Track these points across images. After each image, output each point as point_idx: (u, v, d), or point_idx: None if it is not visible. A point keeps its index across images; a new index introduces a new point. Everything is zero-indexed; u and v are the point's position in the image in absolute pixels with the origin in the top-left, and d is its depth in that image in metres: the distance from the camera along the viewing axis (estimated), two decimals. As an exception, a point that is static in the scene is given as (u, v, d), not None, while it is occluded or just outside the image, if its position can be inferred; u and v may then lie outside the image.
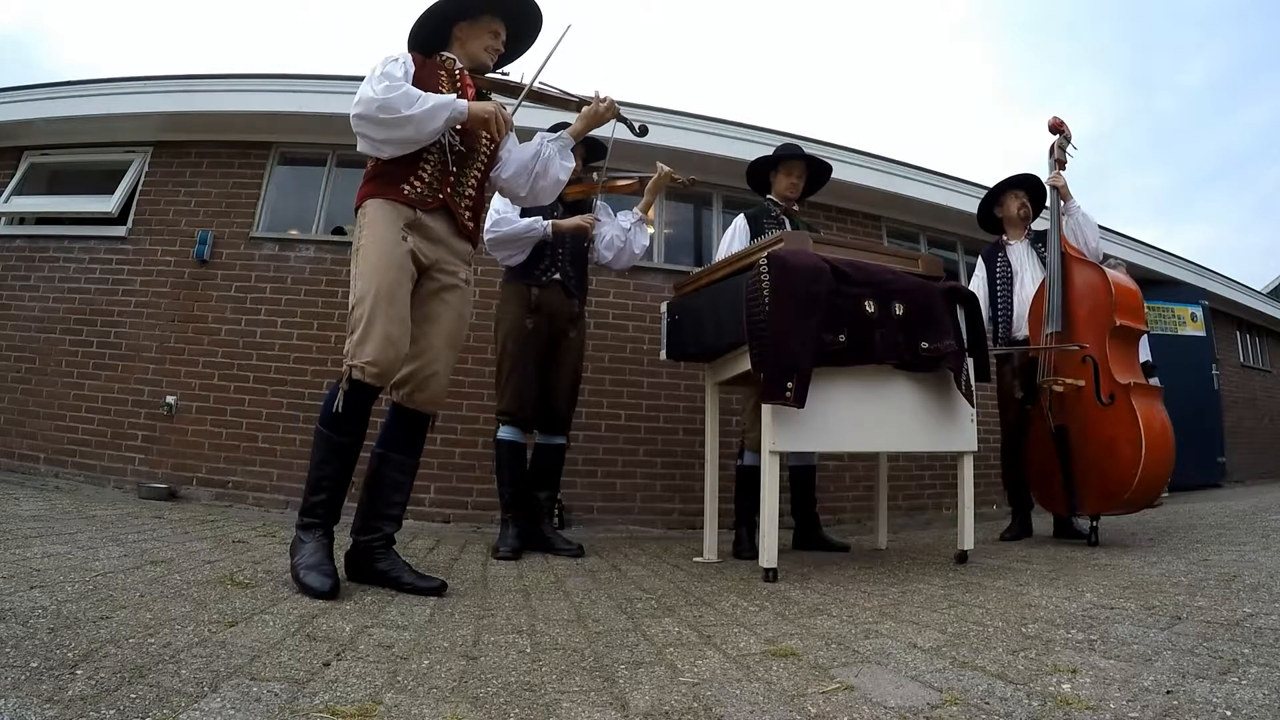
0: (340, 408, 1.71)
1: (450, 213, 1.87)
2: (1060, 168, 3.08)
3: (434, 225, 1.84)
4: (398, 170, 1.81)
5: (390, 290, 1.73)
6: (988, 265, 3.26)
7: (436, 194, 1.84)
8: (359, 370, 1.70)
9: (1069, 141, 3.11)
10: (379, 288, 1.72)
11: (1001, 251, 3.23)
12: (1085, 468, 2.72)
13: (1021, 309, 3.09)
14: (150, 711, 0.87)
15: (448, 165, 1.86)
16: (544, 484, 2.78)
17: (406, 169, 1.81)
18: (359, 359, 1.70)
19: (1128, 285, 2.86)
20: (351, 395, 1.72)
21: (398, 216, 1.79)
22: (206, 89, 4.08)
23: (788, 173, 3.06)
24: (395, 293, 1.74)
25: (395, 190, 1.80)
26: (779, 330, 2.00)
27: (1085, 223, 3.05)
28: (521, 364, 2.66)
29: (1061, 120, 3.12)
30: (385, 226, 1.77)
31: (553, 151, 2.02)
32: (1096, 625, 1.42)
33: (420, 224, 1.82)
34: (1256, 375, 8.46)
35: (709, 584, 2.04)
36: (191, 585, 1.61)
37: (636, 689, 1.07)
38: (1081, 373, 2.75)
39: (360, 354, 1.70)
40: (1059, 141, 3.10)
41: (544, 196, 2.08)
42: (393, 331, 1.72)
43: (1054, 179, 3.06)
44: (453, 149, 1.86)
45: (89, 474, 3.81)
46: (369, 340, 1.70)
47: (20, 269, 4.19)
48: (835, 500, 4.07)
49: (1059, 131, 3.11)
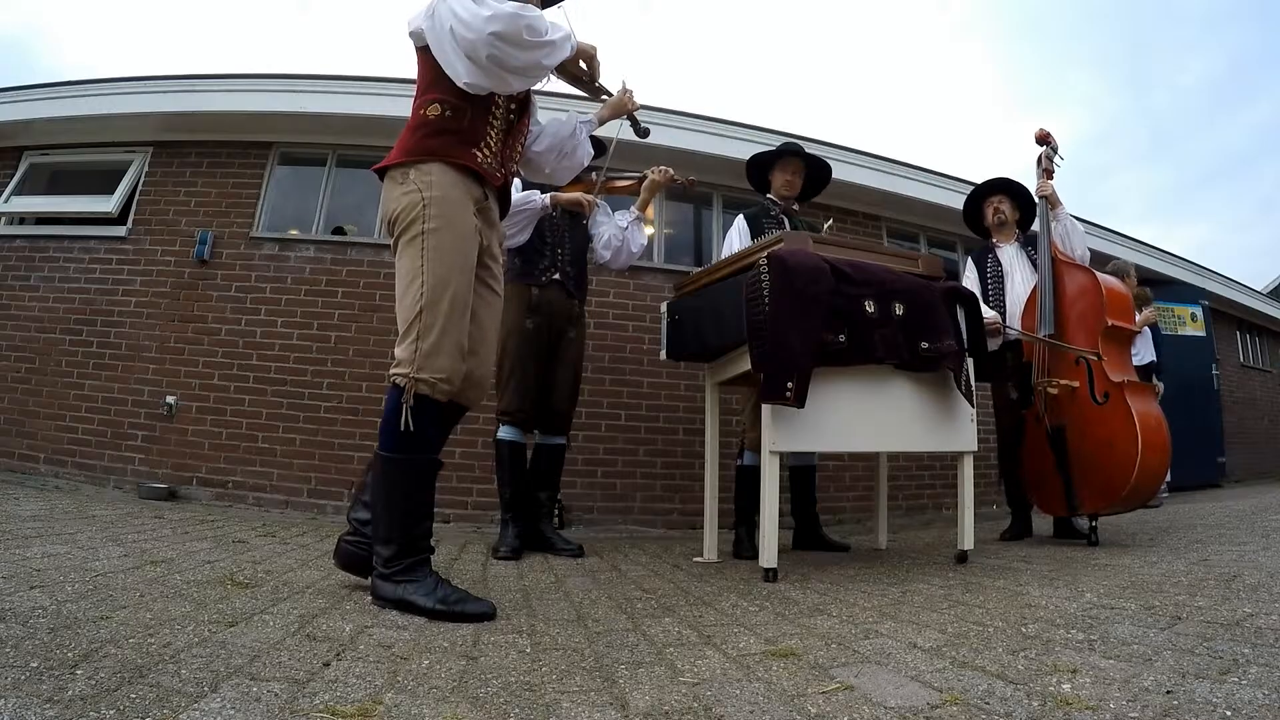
0: (410, 425, 1.48)
1: (502, 192, 1.69)
2: (1048, 177, 3.13)
3: (493, 208, 1.66)
4: (472, 128, 1.55)
5: (465, 294, 1.52)
6: (978, 266, 3.27)
7: (503, 167, 1.63)
8: (427, 385, 1.49)
9: (1055, 152, 3.16)
10: (456, 290, 1.50)
11: (991, 253, 3.25)
12: (1083, 467, 2.73)
13: (1014, 309, 3.10)
14: (150, 711, 0.87)
15: (506, 137, 1.65)
16: (544, 484, 2.78)
17: (479, 129, 1.56)
18: (429, 372, 1.48)
19: (1117, 288, 2.92)
20: (419, 412, 1.50)
21: (469, 194, 1.55)
22: (206, 89, 4.08)
23: (784, 170, 3.07)
24: (468, 295, 1.53)
25: (467, 154, 1.54)
26: (779, 330, 2.00)
27: (1072, 230, 3.09)
28: (522, 364, 2.66)
29: (1048, 132, 3.17)
30: (461, 206, 1.52)
31: (585, 135, 1.94)
32: (1096, 625, 1.42)
33: (485, 208, 1.61)
34: (1256, 375, 8.46)
35: (709, 584, 2.04)
36: (191, 585, 1.61)
37: (636, 689, 1.07)
38: (1075, 374, 2.77)
39: (430, 366, 1.48)
40: (1045, 152, 3.15)
41: (561, 176, 1.98)
42: (464, 341, 1.53)
43: (1042, 188, 3.10)
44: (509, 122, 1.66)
45: (89, 474, 3.81)
46: (441, 352, 1.48)
47: (20, 269, 4.19)
48: (835, 500, 4.07)
49: (1045, 143, 3.16)
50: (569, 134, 1.89)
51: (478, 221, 1.59)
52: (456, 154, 1.54)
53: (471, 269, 1.56)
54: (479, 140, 1.57)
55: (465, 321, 1.54)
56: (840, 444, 2.43)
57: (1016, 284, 3.14)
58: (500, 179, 1.66)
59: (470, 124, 1.56)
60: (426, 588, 1.48)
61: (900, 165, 4.77)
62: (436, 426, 1.58)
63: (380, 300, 3.80)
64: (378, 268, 3.88)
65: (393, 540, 1.51)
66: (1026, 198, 3.29)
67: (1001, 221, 3.26)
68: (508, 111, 1.66)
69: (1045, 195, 3.08)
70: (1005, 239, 3.28)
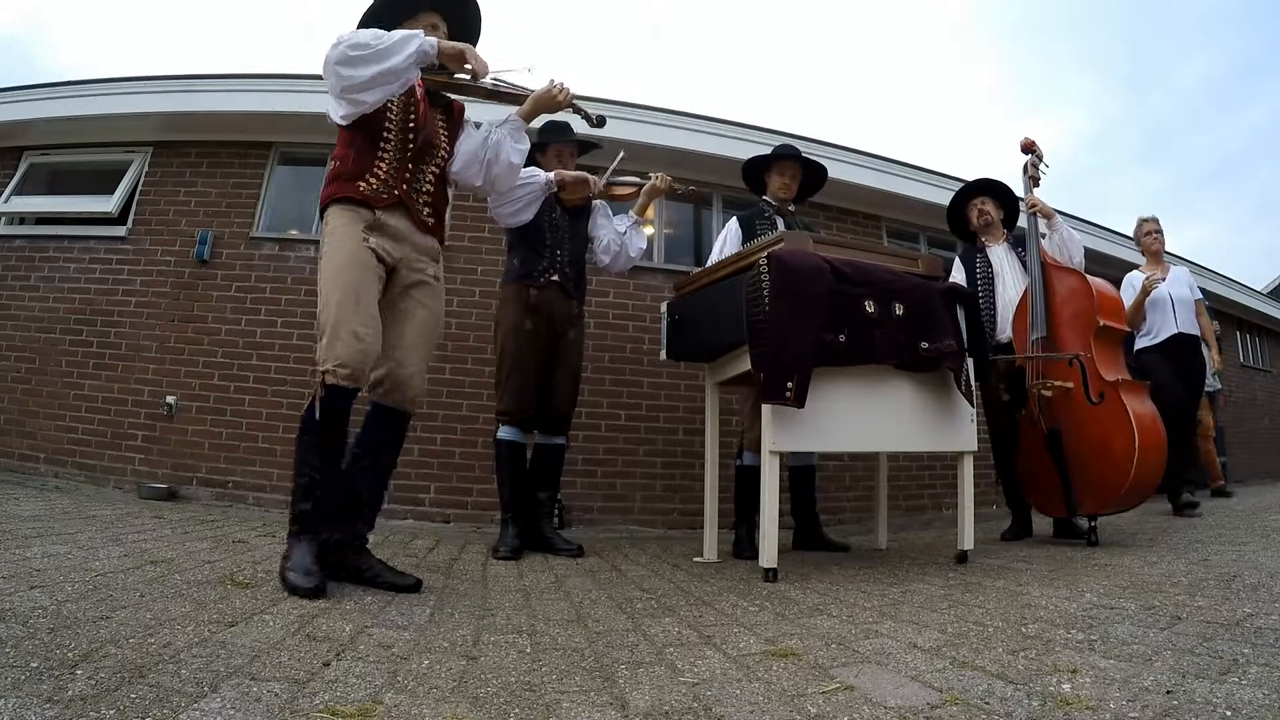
0: (319, 413, 1.71)
1: (407, 208, 1.86)
2: (1035, 185, 3.13)
3: (394, 223, 1.83)
4: (356, 166, 1.81)
5: (355, 289, 1.72)
6: (966, 267, 3.24)
7: (392, 190, 1.83)
8: (331, 373, 1.69)
9: (1041, 160, 3.15)
10: (343, 288, 1.72)
11: (981, 253, 3.23)
12: (1081, 468, 2.73)
13: (1005, 310, 3.09)
14: (150, 711, 0.87)
15: (404, 161, 1.86)
16: (544, 484, 2.77)
17: (364, 164, 1.81)
18: (329, 361, 1.69)
19: (1107, 290, 2.92)
20: (329, 399, 1.71)
21: (357, 219, 1.79)
22: (206, 89, 4.08)
23: (780, 173, 3.07)
24: (360, 291, 1.73)
25: (352, 187, 1.79)
26: (779, 330, 2.00)
27: (1069, 239, 3.08)
28: (521, 365, 2.66)
29: (1033, 141, 3.17)
30: (346, 231, 1.77)
31: (502, 135, 1.99)
32: (1096, 625, 1.42)
33: (380, 224, 1.80)
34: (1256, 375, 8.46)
35: (709, 584, 2.04)
36: (191, 585, 1.61)
37: (636, 689, 1.07)
38: (1069, 375, 2.77)
39: (330, 356, 1.69)
40: (1031, 161, 3.14)
41: (502, 183, 2.06)
42: (360, 329, 1.71)
43: (1031, 202, 3.10)
44: (410, 142, 1.86)
45: (89, 474, 3.81)
46: (338, 342, 1.69)
47: (20, 269, 4.19)
48: (835, 500, 4.07)
49: (1030, 151, 3.15)
50: (479, 144, 1.98)
51: (373, 237, 1.79)
52: (345, 192, 1.80)
53: (360, 272, 1.74)
54: (363, 173, 1.81)
55: (359, 314, 1.71)
56: (840, 444, 2.43)
57: (1008, 286, 3.13)
58: (391, 198, 1.83)
59: (354, 164, 1.82)
60: (295, 553, 1.69)
61: (900, 165, 4.77)
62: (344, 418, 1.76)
63: (380, 300, 3.81)
64: (378, 268, 3.89)
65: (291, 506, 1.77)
66: (1009, 196, 3.28)
67: (987, 223, 3.25)
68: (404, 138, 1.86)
69: (1035, 208, 3.07)
70: (993, 239, 3.26)
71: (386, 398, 1.85)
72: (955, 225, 3.45)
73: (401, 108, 1.85)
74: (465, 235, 3.98)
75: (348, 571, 1.78)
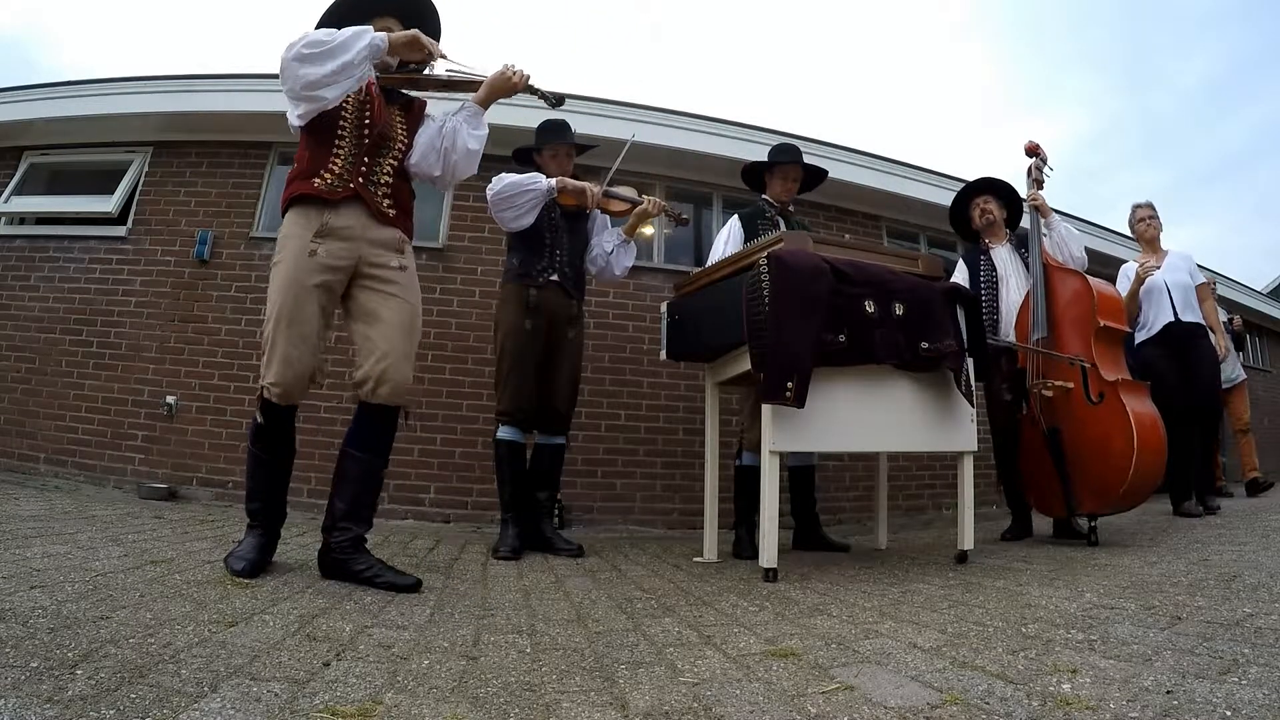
0: (262, 424, 1.84)
1: (364, 200, 1.88)
2: (1038, 188, 3.12)
3: (348, 222, 1.85)
4: (312, 164, 1.85)
5: (290, 311, 1.78)
6: (970, 269, 3.23)
7: (347, 184, 1.85)
8: (267, 390, 1.80)
9: (1045, 163, 3.15)
10: (280, 309, 1.78)
11: (985, 255, 3.22)
12: (1081, 467, 2.73)
13: (1008, 314, 3.08)
14: (150, 711, 0.87)
15: (360, 154, 1.88)
16: (544, 484, 2.77)
17: (320, 160, 1.85)
18: (265, 380, 1.80)
19: (1108, 290, 2.92)
20: (268, 413, 1.83)
21: (308, 226, 1.82)
22: (206, 89, 4.08)
23: (783, 176, 3.07)
24: (295, 314, 1.78)
25: (308, 184, 1.83)
26: (779, 330, 2.00)
27: (1068, 236, 3.08)
28: (520, 365, 2.66)
29: (1037, 144, 3.16)
30: (294, 244, 1.82)
31: (458, 123, 1.98)
32: (1096, 625, 1.42)
33: (330, 229, 1.83)
34: (1257, 375, 8.46)
35: (709, 584, 2.04)
36: (191, 585, 1.61)
37: (636, 689, 1.07)
38: (1070, 375, 2.77)
39: (266, 375, 1.79)
40: (1035, 164, 3.14)
41: (463, 169, 2.03)
42: (291, 352, 1.78)
43: (1033, 198, 3.10)
44: (365, 137, 1.88)
45: (89, 474, 3.81)
46: (272, 362, 1.78)
47: (20, 269, 4.19)
48: (835, 500, 4.07)
49: (1035, 154, 3.15)
50: (435, 134, 1.99)
51: (322, 246, 1.82)
52: (300, 190, 1.84)
53: (299, 291, 1.79)
54: (319, 169, 1.84)
55: (292, 337, 1.78)
56: (840, 444, 2.43)
57: (1011, 289, 3.11)
58: (347, 192, 1.85)
59: (310, 162, 1.86)
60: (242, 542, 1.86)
61: (900, 165, 4.76)
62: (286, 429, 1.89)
63: (380, 300, 3.80)
64: (378, 268, 3.89)
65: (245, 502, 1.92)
66: (1011, 195, 3.28)
67: (990, 222, 3.24)
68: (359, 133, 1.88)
69: (1037, 206, 3.07)
70: (996, 240, 3.25)
71: (372, 396, 1.87)
72: (958, 224, 3.44)
73: (357, 105, 1.88)
74: (465, 235, 3.98)
75: (347, 574, 1.79)
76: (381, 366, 1.85)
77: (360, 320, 1.88)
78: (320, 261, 1.81)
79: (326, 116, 1.84)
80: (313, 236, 1.81)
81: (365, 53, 1.80)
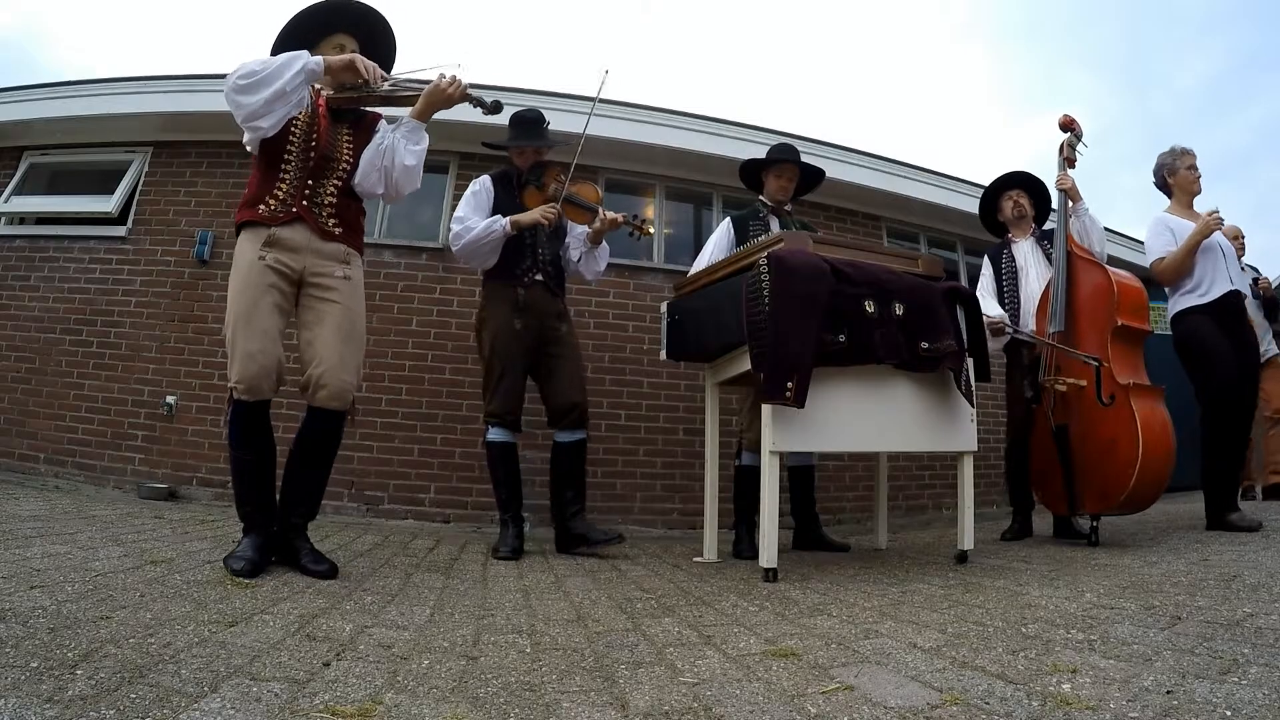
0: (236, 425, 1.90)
1: (306, 221, 1.94)
2: (1070, 166, 3.03)
3: (292, 237, 1.92)
4: (259, 191, 1.93)
5: (247, 311, 1.86)
6: (993, 264, 3.23)
7: (289, 208, 1.92)
8: (235, 391, 1.87)
9: (1079, 139, 3.04)
10: (236, 311, 1.86)
11: (1007, 249, 3.21)
12: (1085, 467, 2.72)
13: (1028, 305, 3.07)
14: (150, 711, 0.87)
15: (305, 177, 1.95)
16: (569, 483, 2.71)
17: (266, 186, 1.93)
18: (231, 380, 1.86)
19: (1132, 285, 2.83)
20: (237, 411, 1.89)
21: (256, 240, 1.90)
22: (206, 89, 4.07)
23: (779, 175, 3.06)
24: (251, 312, 1.86)
25: (253, 211, 1.92)
26: (779, 330, 2.00)
27: (1092, 225, 3.03)
28: (511, 365, 2.66)
29: (1072, 118, 3.04)
30: (244, 256, 1.90)
31: (395, 139, 1.99)
32: (1096, 625, 1.42)
33: (277, 239, 1.90)
34: (1256, 375, 8.43)
35: (709, 584, 2.04)
36: (191, 585, 1.61)
37: (636, 689, 1.07)
38: (1084, 373, 2.73)
39: (232, 375, 1.86)
40: (1069, 140, 3.04)
41: (405, 185, 2.03)
42: (252, 347, 1.84)
43: (1061, 181, 3.02)
44: (309, 160, 1.94)
45: (89, 474, 3.81)
46: (235, 361, 1.85)
47: (20, 269, 4.19)
48: (835, 500, 4.07)
49: (1070, 129, 3.04)
50: (374, 152, 2.01)
51: (270, 253, 1.89)
52: (247, 216, 1.93)
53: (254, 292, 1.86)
54: (264, 197, 1.92)
55: (250, 334, 1.85)
56: (840, 444, 2.43)
57: (1031, 280, 3.10)
58: (289, 215, 1.92)
59: (258, 189, 1.94)
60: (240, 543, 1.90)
61: (900, 165, 4.76)
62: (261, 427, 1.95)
63: (379, 300, 3.80)
64: (376, 268, 3.88)
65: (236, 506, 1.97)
66: (1044, 194, 3.24)
67: (1020, 215, 3.22)
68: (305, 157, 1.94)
69: (1065, 189, 2.99)
70: (1021, 234, 3.23)
71: (314, 399, 1.95)
72: (986, 217, 3.40)
73: (304, 128, 1.94)
74: (465, 235, 3.97)
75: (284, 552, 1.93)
76: (320, 370, 1.93)
77: (305, 328, 1.96)
78: (270, 266, 1.89)
79: (274, 141, 1.90)
80: (261, 246, 1.89)
81: (300, 78, 1.84)
